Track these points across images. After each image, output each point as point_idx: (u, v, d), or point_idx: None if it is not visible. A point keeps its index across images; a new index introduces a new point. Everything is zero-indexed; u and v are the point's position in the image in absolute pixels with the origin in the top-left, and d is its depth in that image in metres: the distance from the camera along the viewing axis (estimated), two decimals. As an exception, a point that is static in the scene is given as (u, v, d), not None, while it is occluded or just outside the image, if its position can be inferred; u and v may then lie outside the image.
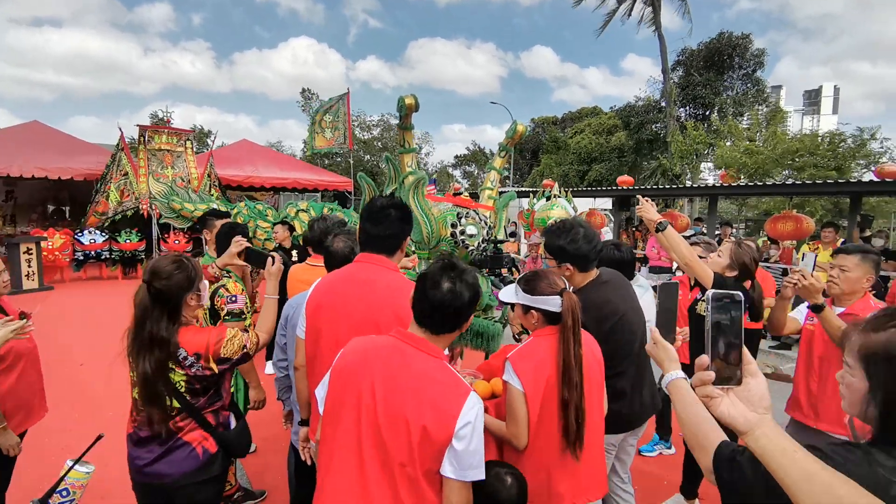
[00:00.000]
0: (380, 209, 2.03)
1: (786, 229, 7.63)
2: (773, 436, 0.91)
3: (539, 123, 37.81)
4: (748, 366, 0.99)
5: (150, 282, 1.89)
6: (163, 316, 1.88)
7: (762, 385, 0.97)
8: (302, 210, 7.24)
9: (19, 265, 9.73)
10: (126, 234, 11.75)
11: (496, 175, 3.93)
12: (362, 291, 1.95)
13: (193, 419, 1.95)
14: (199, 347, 1.89)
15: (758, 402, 0.96)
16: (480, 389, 2.29)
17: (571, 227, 2.37)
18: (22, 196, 14.61)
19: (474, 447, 1.41)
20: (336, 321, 1.95)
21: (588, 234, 2.35)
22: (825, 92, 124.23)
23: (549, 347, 1.87)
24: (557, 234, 2.38)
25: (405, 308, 1.59)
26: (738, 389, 0.98)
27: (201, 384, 1.93)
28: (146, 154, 12.18)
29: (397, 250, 2.08)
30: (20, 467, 2.54)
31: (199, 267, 2.02)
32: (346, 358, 1.56)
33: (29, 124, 14.19)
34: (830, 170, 14.90)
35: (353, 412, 1.47)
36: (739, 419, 0.95)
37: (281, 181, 15.97)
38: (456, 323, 1.56)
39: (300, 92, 33.83)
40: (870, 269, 2.52)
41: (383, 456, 1.42)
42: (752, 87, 24.67)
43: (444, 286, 1.50)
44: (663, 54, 24.70)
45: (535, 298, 1.93)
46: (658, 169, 23.29)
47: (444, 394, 1.43)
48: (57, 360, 5.75)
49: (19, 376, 2.46)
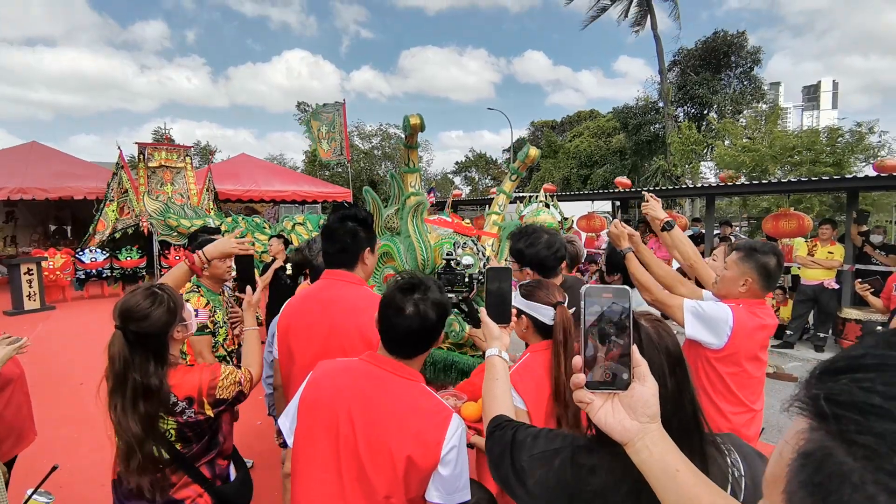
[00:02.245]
0: (331, 225, 2.00)
1: (787, 227, 7.60)
2: (655, 449, 0.82)
3: (538, 127, 37.88)
4: (637, 368, 0.86)
5: (123, 327, 1.64)
6: (148, 361, 1.64)
7: (648, 390, 0.85)
8: (298, 223, 7.26)
9: (20, 286, 9.75)
10: (127, 251, 11.77)
11: (505, 199, 3.75)
12: (326, 311, 1.92)
13: (186, 473, 1.73)
14: (190, 390, 1.68)
15: (641, 409, 0.84)
16: (471, 412, 2.23)
17: (534, 231, 2.43)
18: (23, 216, 14.72)
19: (459, 470, 1.39)
20: (304, 343, 1.92)
21: (550, 240, 2.40)
22: (824, 87, 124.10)
23: (546, 363, 1.84)
24: (519, 237, 2.46)
25: (370, 327, 1.53)
26: (621, 395, 0.86)
27: (194, 431, 1.71)
28: (146, 171, 12.24)
29: (356, 264, 2.01)
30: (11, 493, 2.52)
31: (176, 295, 1.80)
32: (316, 386, 1.50)
33: (28, 145, 14.27)
34: (829, 165, 14.84)
35: (329, 444, 1.42)
36: (617, 428, 0.84)
37: (280, 194, 16.01)
38: (428, 343, 1.50)
39: (296, 105, 33.96)
40: (749, 269, 2.20)
41: (367, 489, 1.38)
42: (750, 85, 24.65)
43: (407, 311, 1.42)
44: (660, 55, 24.70)
45: (528, 303, 1.90)
46: (658, 170, 23.26)
47: (426, 420, 1.39)
48: (58, 380, 5.78)
49: (8, 401, 2.45)
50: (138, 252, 11.92)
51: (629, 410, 0.85)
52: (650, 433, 0.83)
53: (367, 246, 2.03)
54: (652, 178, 23.46)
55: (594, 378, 0.86)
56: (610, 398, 0.87)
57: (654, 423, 0.84)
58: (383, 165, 31.38)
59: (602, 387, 0.86)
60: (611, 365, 0.86)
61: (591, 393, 0.87)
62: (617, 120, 28.09)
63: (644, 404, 0.84)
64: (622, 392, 0.86)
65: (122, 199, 12.18)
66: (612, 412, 0.86)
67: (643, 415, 0.84)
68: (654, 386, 0.86)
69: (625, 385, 0.86)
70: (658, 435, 0.83)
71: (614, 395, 0.86)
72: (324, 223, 2.10)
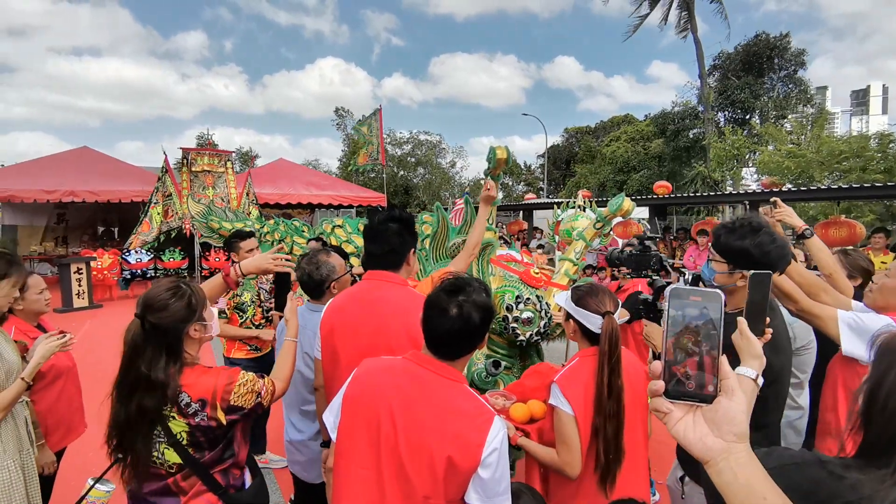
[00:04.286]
0: (377, 226, 1.99)
1: (838, 235, 7.31)
2: (740, 472, 0.74)
3: (572, 133, 37.53)
4: (725, 381, 0.78)
5: (142, 315, 1.61)
6: (159, 355, 1.60)
7: (737, 407, 0.77)
8: (337, 226, 7.31)
9: (70, 284, 10.15)
10: (170, 252, 12.16)
11: (583, 247, 3.28)
12: (372, 311, 1.91)
13: (199, 478, 1.65)
14: (204, 392, 1.61)
15: (727, 426, 0.76)
16: (519, 413, 2.20)
17: (760, 227, 1.88)
18: (73, 218, 15.36)
19: (500, 474, 1.35)
20: (350, 343, 1.92)
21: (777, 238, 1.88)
22: (873, 91, 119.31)
23: (594, 369, 1.79)
24: (735, 232, 1.89)
25: (417, 327, 1.51)
26: (704, 409, 0.78)
27: (206, 437, 1.63)
28: (189, 175, 12.61)
29: (402, 265, 2.01)
30: (58, 482, 2.58)
31: (200, 292, 1.75)
32: (359, 383, 1.50)
33: (79, 150, 14.90)
34: (879, 172, 14.22)
35: (370, 442, 1.41)
36: (697, 445, 0.77)
37: (317, 198, 16.26)
38: (472, 345, 1.48)
39: (334, 111, 34.61)
40: None
41: (406, 488, 1.36)
42: (795, 89, 23.89)
43: (451, 312, 1.41)
44: (700, 59, 24.20)
45: (577, 309, 1.87)
46: (697, 176, 22.73)
47: (467, 422, 1.37)
48: (104, 376, 5.94)
49: (59, 393, 2.53)
50: (181, 254, 12.29)
51: (712, 426, 0.77)
52: (735, 453, 0.75)
53: (412, 247, 2.04)
54: (690, 185, 22.94)
55: (675, 387, 0.79)
56: (692, 411, 0.80)
57: (742, 443, 0.76)
58: (417, 171, 31.57)
59: (684, 397, 0.79)
60: (695, 375, 0.78)
61: (669, 402, 0.80)
62: (654, 125, 27.62)
63: (730, 421, 0.77)
64: (706, 406, 0.78)
65: (167, 202, 12.58)
66: (693, 426, 0.78)
67: (728, 432, 0.76)
68: (743, 402, 0.78)
69: (710, 398, 0.78)
70: (745, 456, 0.76)
71: (697, 408, 0.79)
72: (366, 225, 2.08)
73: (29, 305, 2.50)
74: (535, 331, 2.81)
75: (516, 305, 2.79)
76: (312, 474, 2.47)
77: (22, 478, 2.12)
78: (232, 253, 3.54)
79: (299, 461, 2.50)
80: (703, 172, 22.20)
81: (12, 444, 2.10)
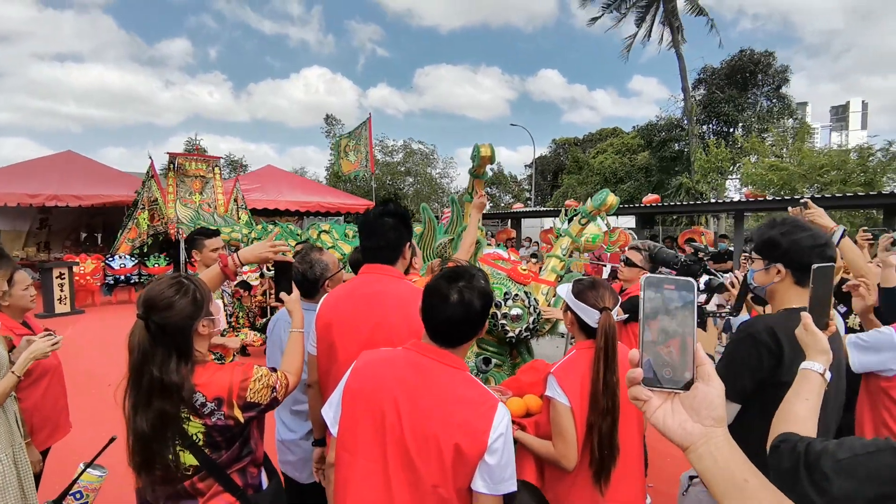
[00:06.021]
0: (373, 220, 1.98)
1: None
2: (720, 456, 0.75)
3: (560, 144, 37.85)
4: (701, 367, 0.78)
5: (146, 316, 1.52)
6: (169, 356, 1.51)
7: (714, 391, 0.77)
8: (324, 231, 7.31)
9: (52, 290, 9.97)
10: (154, 258, 12.02)
11: (569, 243, 3.36)
12: (371, 305, 1.89)
13: (216, 479, 1.59)
14: (220, 391, 1.55)
15: (705, 411, 0.76)
16: (514, 407, 2.19)
17: (788, 220, 1.79)
18: (56, 223, 15.15)
19: (506, 460, 1.36)
20: (348, 337, 1.89)
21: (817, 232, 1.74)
22: (853, 107, 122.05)
23: (590, 361, 1.80)
24: (765, 227, 1.86)
25: (417, 320, 1.50)
26: (682, 396, 0.78)
27: (223, 436, 1.57)
28: (175, 180, 12.51)
29: (398, 259, 2.00)
30: (43, 481, 2.53)
31: (203, 286, 1.66)
32: (360, 376, 1.48)
33: (63, 154, 14.72)
34: (859, 185, 14.54)
35: (375, 434, 1.40)
36: (677, 431, 0.77)
37: (304, 205, 16.22)
38: (473, 332, 1.48)
39: (324, 118, 34.53)
40: None
41: (413, 478, 1.35)
42: (778, 104, 24.38)
43: (452, 298, 1.41)
44: (682, 72, 24.66)
45: (575, 302, 1.89)
46: (680, 187, 23.01)
47: (472, 409, 1.37)
48: (86, 381, 5.85)
49: (45, 391, 2.49)
50: (166, 259, 12.16)
51: (691, 412, 0.77)
52: (714, 438, 0.76)
53: (408, 240, 2.03)
54: (675, 195, 23.22)
55: (652, 375, 0.79)
56: (669, 398, 0.79)
57: (720, 427, 0.77)
58: (406, 181, 31.57)
59: (661, 385, 0.79)
60: (672, 362, 0.78)
61: (647, 390, 0.79)
62: (641, 136, 27.95)
63: (709, 406, 0.76)
64: (683, 392, 0.78)
65: (153, 207, 12.46)
66: (672, 413, 0.78)
67: (707, 417, 0.76)
68: (720, 387, 0.78)
69: (687, 384, 0.78)
70: (723, 440, 0.76)
71: (674, 395, 0.79)
72: (361, 219, 2.08)
73: (15, 301, 2.46)
74: (523, 327, 2.82)
75: (504, 302, 2.80)
76: (304, 474, 2.44)
77: (15, 471, 2.08)
78: (194, 251, 3.32)
79: (290, 461, 2.47)
80: (687, 184, 22.49)
81: (4, 438, 2.07)
